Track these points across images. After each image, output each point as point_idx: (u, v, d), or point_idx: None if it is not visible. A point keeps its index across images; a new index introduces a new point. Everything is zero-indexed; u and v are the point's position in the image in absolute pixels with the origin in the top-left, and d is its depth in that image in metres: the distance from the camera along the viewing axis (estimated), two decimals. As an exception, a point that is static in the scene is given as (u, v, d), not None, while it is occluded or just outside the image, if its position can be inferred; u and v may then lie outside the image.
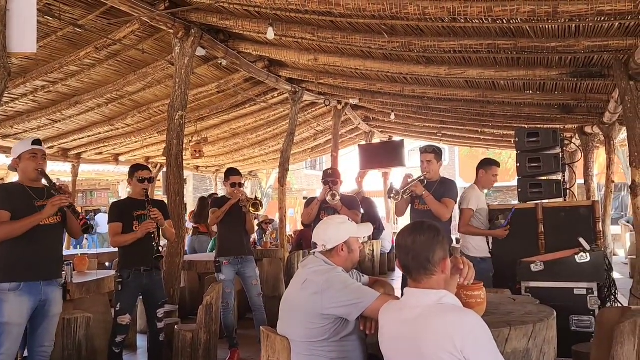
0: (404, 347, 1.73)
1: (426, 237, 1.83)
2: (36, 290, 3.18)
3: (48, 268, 3.28)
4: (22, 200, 3.24)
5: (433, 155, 4.45)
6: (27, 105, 7.42)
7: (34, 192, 3.30)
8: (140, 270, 4.02)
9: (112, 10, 4.93)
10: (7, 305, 3.07)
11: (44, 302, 3.22)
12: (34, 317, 3.22)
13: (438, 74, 5.75)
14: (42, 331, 3.26)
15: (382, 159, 11.95)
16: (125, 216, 4.08)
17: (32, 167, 3.31)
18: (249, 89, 8.06)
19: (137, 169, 4.20)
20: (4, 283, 3.12)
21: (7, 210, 3.17)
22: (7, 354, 3.06)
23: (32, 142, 3.36)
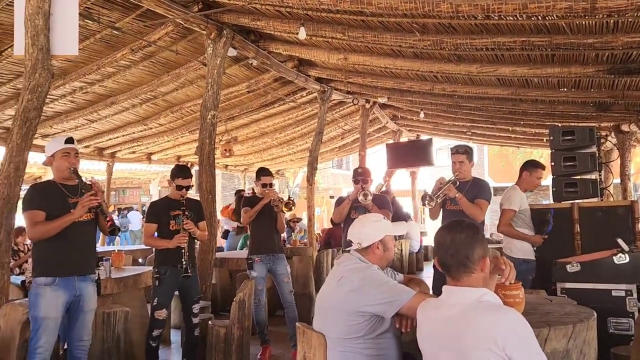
0: (444, 345, 1.74)
1: (465, 235, 1.84)
2: (70, 285, 3.26)
3: (82, 264, 3.35)
4: (56, 198, 3.31)
5: (465, 155, 4.39)
6: (66, 105, 7.65)
7: (67, 189, 3.36)
8: (177, 267, 4.12)
9: (148, 12, 5.04)
10: (44, 299, 3.16)
11: (78, 297, 3.30)
12: (70, 312, 3.31)
13: (469, 71, 5.70)
14: (79, 326, 3.35)
15: (410, 158, 11.88)
16: (162, 216, 4.19)
17: (65, 165, 3.36)
18: (278, 88, 8.13)
19: (178, 175, 4.25)
20: (40, 277, 3.21)
21: (42, 209, 3.25)
22: (45, 346, 3.15)
23: (65, 140, 3.41)
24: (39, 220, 3.24)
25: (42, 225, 3.23)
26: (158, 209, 4.29)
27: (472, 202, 4.23)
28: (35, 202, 3.28)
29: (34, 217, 3.25)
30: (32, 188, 3.43)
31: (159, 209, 4.28)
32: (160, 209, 4.26)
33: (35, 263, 3.30)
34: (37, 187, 3.50)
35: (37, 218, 3.24)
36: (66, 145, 3.37)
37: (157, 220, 4.22)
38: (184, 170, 4.36)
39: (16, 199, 3.55)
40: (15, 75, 6.16)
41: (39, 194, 3.34)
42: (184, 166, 4.57)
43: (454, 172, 4.40)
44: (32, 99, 3.56)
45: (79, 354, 3.37)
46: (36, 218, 3.24)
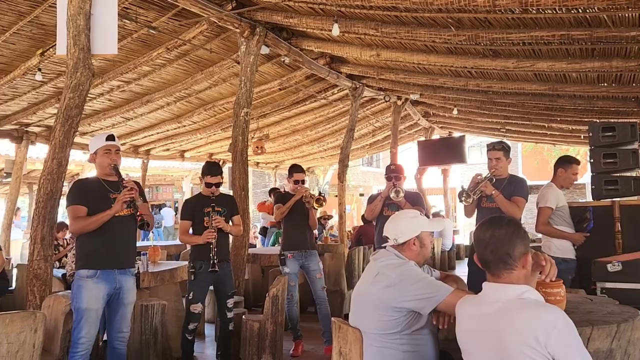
0: (484, 342, 1.72)
1: (505, 231, 1.81)
2: (111, 278, 3.34)
3: (122, 257, 3.43)
4: (98, 193, 3.41)
5: (502, 152, 4.29)
6: (103, 104, 7.85)
7: (109, 185, 3.45)
8: (211, 262, 4.19)
9: (183, 11, 5.13)
10: (86, 291, 3.26)
11: (118, 290, 3.38)
12: (110, 305, 3.40)
13: (505, 67, 5.60)
14: (119, 318, 3.43)
15: (442, 155, 11.75)
16: (196, 213, 4.27)
17: (106, 162, 3.45)
18: (310, 85, 8.15)
19: (207, 173, 4.32)
20: (83, 270, 3.31)
21: (84, 205, 3.35)
22: (87, 337, 3.24)
23: (106, 137, 3.50)
24: (80, 215, 3.34)
25: (83, 220, 3.33)
26: (192, 206, 4.38)
27: (509, 199, 4.16)
28: (78, 197, 3.39)
29: (75, 211, 3.36)
30: (75, 183, 3.54)
31: (193, 206, 4.37)
32: (194, 206, 4.35)
33: (78, 256, 3.41)
34: (80, 182, 3.59)
35: (78, 213, 3.35)
36: (107, 142, 3.47)
37: (191, 217, 4.32)
38: (212, 168, 4.39)
39: (59, 194, 3.66)
40: (56, 74, 6.35)
41: (81, 189, 3.44)
42: (214, 163, 4.59)
43: (490, 169, 4.32)
44: (73, 97, 3.66)
45: (119, 345, 3.46)
46: (78, 213, 3.35)
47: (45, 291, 3.56)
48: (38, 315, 2.80)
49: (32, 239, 3.62)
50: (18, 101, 7.26)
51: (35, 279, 3.56)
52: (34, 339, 2.76)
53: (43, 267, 3.57)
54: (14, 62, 5.88)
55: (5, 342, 2.63)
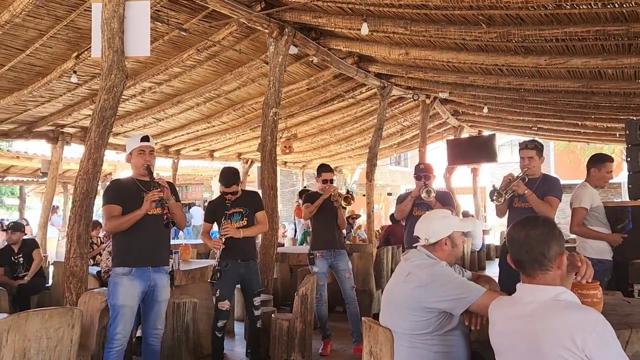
0: (519, 343, 1.69)
1: (540, 231, 1.78)
2: (146, 275, 3.41)
3: (156, 255, 3.50)
4: (132, 193, 3.48)
5: (535, 151, 4.18)
6: (135, 105, 8.02)
7: (143, 185, 3.51)
8: (237, 260, 4.23)
9: (213, 13, 5.19)
10: (121, 288, 3.34)
11: (152, 287, 3.45)
12: (145, 302, 3.47)
13: (537, 64, 5.49)
14: (154, 315, 3.50)
15: (472, 154, 11.58)
16: (218, 215, 4.33)
17: (140, 162, 3.52)
18: (338, 85, 8.15)
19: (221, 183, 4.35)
20: (118, 268, 3.40)
21: (119, 204, 3.44)
22: (123, 333, 3.32)
23: (141, 138, 3.58)
24: (114, 214, 3.43)
25: (116, 219, 3.42)
26: (214, 208, 4.43)
27: (542, 199, 4.08)
28: (112, 197, 3.48)
29: (110, 211, 3.44)
30: (111, 184, 3.65)
31: (215, 208, 4.42)
32: (216, 208, 4.39)
33: (114, 254, 3.50)
34: (115, 183, 3.69)
35: (113, 212, 3.43)
36: (142, 143, 3.55)
37: (213, 219, 4.39)
38: (226, 178, 4.34)
39: (94, 194, 3.75)
40: (90, 76, 6.51)
41: (116, 189, 3.54)
42: (229, 172, 4.42)
43: (522, 168, 4.24)
44: (108, 98, 3.74)
45: (154, 341, 3.52)
46: (112, 212, 3.43)
47: (81, 288, 3.65)
48: (75, 312, 2.88)
49: (68, 237, 3.72)
50: (54, 103, 7.47)
51: (72, 276, 3.66)
52: (71, 335, 2.84)
53: (79, 264, 3.67)
54: (50, 65, 6.05)
55: (45, 337, 2.72)
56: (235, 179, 4.39)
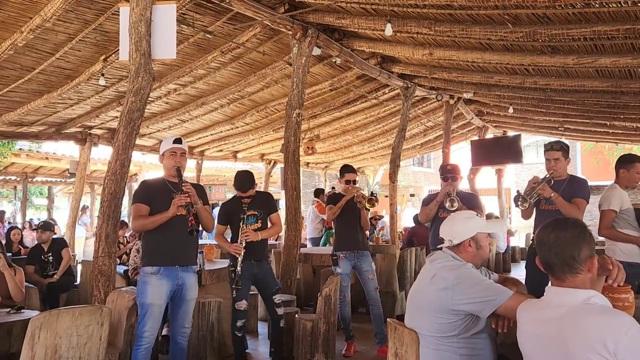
0: (548, 347, 1.67)
1: (571, 234, 1.75)
2: (174, 275, 3.47)
3: (183, 255, 3.55)
4: (162, 194, 3.56)
5: (561, 152, 4.11)
6: (161, 107, 8.14)
7: (173, 186, 3.59)
8: (251, 260, 4.26)
9: (237, 15, 5.24)
10: (150, 287, 3.40)
11: (180, 287, 3.50)
12: (173, 301, 3.52)
13: (565, 63, 5.40)
14: (181, 314, 3.56)
15: (496, 155, 11.43)
16: (233, 217, 4.34)
17: (171, 164, 3.62)
18: (361, 85, 8.14)
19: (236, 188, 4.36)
20: (147, 267, 3.47)
21: (147, 204, 3.52)
22: (151, 331, 3.38)
23: (173, 140, 3.67)
24: (142, 213, 3.50)
25: (142, 219, 3.49)
26: (229, 210, 4.43)
27: (569, 201, 4.00)
28: (142, 196, 3.57)
29: (137, 210, 3.53)
30: (142, 183, 3.75)
31: (230, 210, 4.42)
32: (231, 210, 4.40)
33: (143, 253, 3.58)
34: (146, 183, 3.78)
35: (140, 211, 3.51)
36: (173, 145, 3.64)
37: (227, 221, 4.40)
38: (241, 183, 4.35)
39: (122, 194, 3.82)
40: (117, 79, 6.63)
41: (146, 190, 3.63)
42: (244, 176, 4.43)
43: (548, 170, 4.17)
44: (135, 100, 3.80)
45: (182, 340, 3.58)
46: (140, 212, 3.51)
47: (110, 286, 3.72)
48: (104, 310, 2.94)
49: (97, 236, 3.80)
50: (82, 105, 7.63)
51: (100, 274, 3.73)
52: (100, 332, 2.91)
53: (107, 263, 3.73)
54: (79, 68, 6.18)
55: (75, 334, 2.78)
56: (251, 183, 4.40)
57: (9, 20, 4.82)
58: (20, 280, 3.86)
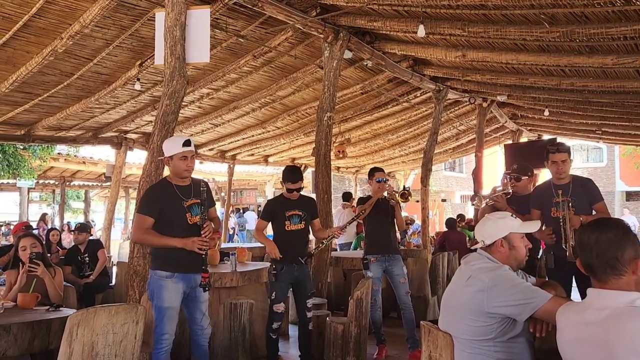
0: (590, 351, 1.61)
1: (613, 235, 1.69)
2: (188, 277, 3.39)
3: (194, 263, 3.38)
4: (171, 200, 3.38)
5: (567, 153, 3.97)
6: (194, 111, 8.28)
7: (181, 190, 3.41)
8: (293, 263, 4.26)
9: (270, 19, 5.29)
10: (166, 291, 3.34)
11: (194, 289, 3.45)
12: (187, 303, 3.47)
13: (603, 63, 5.24)
14: (199, 314, 3.51)
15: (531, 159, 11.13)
16: (277, 215, 4.33)
17: (183, 168, 3.40)
18: (392, 89, 8.10)
19: (287, 179, 4.34)
20: (161, 271, 3.37)
21: (153, 217, 3.33)
22: (170, 333, 3.35)
23: (183, 143, 3.40)
24: (146, 226, 3.34)
25: (147, 235, 3.35)
26: (274, 207, 4.41)
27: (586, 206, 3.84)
28: (149, 207, 3.38)
29: (143, 222, 3.36)
30: (149, 190, 3.57)
31: (275, 207, 4.41)
32: (276, 208, 4.39)
33: (154, 257, 3.49)
34: (153, 189, 3.56)
35: (145, 224, 3.34)
36: (184, 148, 3.39)
37: (271, 218, 4.36)
38: (293, 174, 4.36)
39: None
40: (152, 84, 6.77)
41: (155, 198, 3.41)
42: (294, 168, 4.52)
43: (554, 174, 4.01)
44: (170, 104, 3.88)
45: (203, 341, 3.54)
46: (144, 224, 3.35)
47: (144, 287, 3.77)
48: (139, 308, 2.98)
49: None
50: (118, 110, 7.82)
51: (135, 275, 3.80)
52: (135, 330, 2.95)
53: (142, 264, 3.80)
54: (115, 73, 6.34)
55: (111, 332, 2.83)
56: (301, 175, 4.42)
57: (50, 27, 4.98)
58: (60, 282, 3.96)
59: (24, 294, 3.53)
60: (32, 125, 8.18)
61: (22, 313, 3.28)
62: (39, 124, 8.02)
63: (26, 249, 3.87)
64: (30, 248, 3.86)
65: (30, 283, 3.65)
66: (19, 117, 7.68)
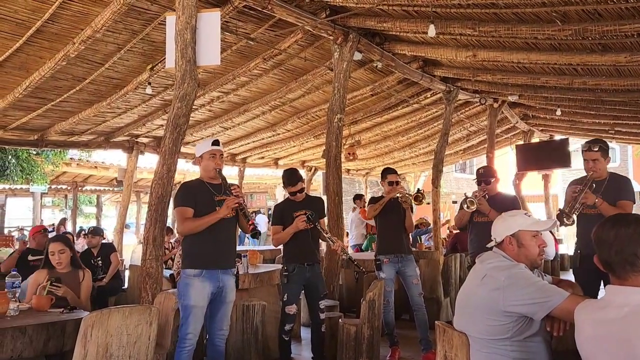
0: (611, 349, 1.58)
1: (632, 230, 1.67)
2: (215, 277, 3.50)
3: (225, 258, 3.59)
4: (204, 195, 3.59)
5: (600, 152, 3.95)
6: (204, 114, 8.31)
7: (213, 187, 3.63)
8: (304, 264, 4.26)
9: (279, 22, 5.29)
10: (193, 289, 3.43)
11: (221, 289, 3.52)
12: (213, 303, 3.54)
13: (617, 61, 5.19)
14: (220, 316, 3.57)
15: (543, 160, 11.09)
16: (286, 218, 4.35)
17: (212, 166, 3.64)
18: (402, 90, 8.07)
19: (287, 185, 4.39)
20: (189, 269, 3.50)
21: (191, 206, 3.55)
22: (194, 332, 3.41)
23: (212, 142, 3.67)
24: (188, 216, 3.53)
25: (191, 222, 3.52)
26: (282, 211, 4.45)
27: (614, 203, 3.81)
28: (186, 199, 3.58)
29: (184, 213, 3.55)
30: (183, 186, 3.74)
31: (283, 211, 4.45)
32: (284, 210, 4.43)
33: (185, 255, 3.61)
34: (187, 185, 3.77)
35: (186, 214, 3.54)
36: (213, 147, 3.65)
37: (281, 222, 4.39)
38: (290, 178, 4.41)
39: (168, 198, 3.90)
40: (163, 87, 6.81)
41: (189, 191, 3.63)
42: (290, 171, 4.55)
43: (587, 172, 3.99)
44: (181, 106, 3.89)
45: (219, 342, 3.59)
46: (186, 214, 3.54)
47: (157, 289, 3.79)
48: (153, 310, 3.00)
49: (144, 239, 3.89)
50: (130, 114, 7.87)
51: (148, 277, 3.81)
52: (149, 332, 2.96)
53: (155, 266, 3.81)
54: (127, 78, 6.38)
55: (125, 333, 2.84)
56: (299, 177, 4.45)
57: (62, 32, 5.02)
58: (88, 286, 4.03)
59: (38, 296, 3.56)
60: (45, 130, 8.25)
61: (37, 315, 3.30)
62: (52, 129, 8.09)
63: (54, 254, 3.93)
64: (58, 254, 3.93)
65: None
66: (32, 122, 7.76)
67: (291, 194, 4.38)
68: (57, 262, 3.93)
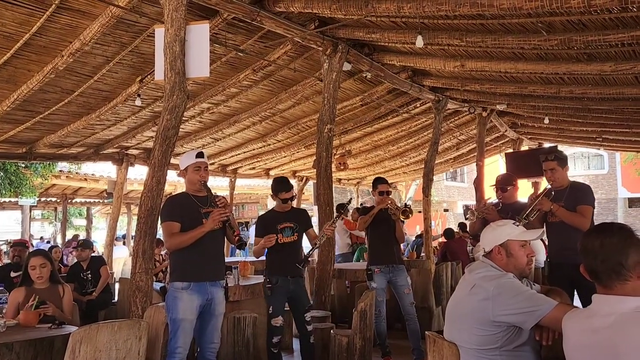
0: (598, 357, 1.60)
1: (617, 239, 1.68)
2: (203, 289, 3.46)
3: (213, 270, 3.56)
4: (190, 208, 3.57)
5: (556, 162, 4.09)
6: (194, 126, 8.30)
7: (199, 200, 3.61)
8: (287, 276, 4.24)
9: (269, 33, 5.32)
10: (181, 302, 3.40)
11: (210, 302, 3.49)
12: (202, 316, 3.50)
13: (602, 70, 5.25)
14: (210, 329, 3.54)
15: (532, 167, 11.13)
16: (270, 230, 4.28)
17: (196, 178, 3.63)
18: (392, 100, 8.12)
19: (281, 190, 4.36)
20: (177, 282, 3.46)
21: (178, 221, 3.52)
22: (184, 346, 3.37)
23: (196, 155, 3.68)
24: (175, 231, 3.50)
25: (178, 237, 3.49)
26: (266, 223, 4.40)
27: (574, 209, 3.88)
28: (172, 214, 3.56)
29: (170, 228, 3.52)
30: (168, 200, 3.73)
31: (267, 222, 4.40)
32: (268, 222, 4.39)
33: (172, 268, 3.57)
34: (173, 199, 3.78)
35: (173, 229, 3.51)
36: (197, 159, 3.65)
37: (264, 233, 4.32)
38: (284, 184, 4.41)
39: (158, 210, 3.87)
40: (152, 99, 6.80)
41: (174, 205, 3.62)
42: (284, 178, 4.59)
43: (548, 181, 4.11)
44: (170, 118, 3.88)
45: (210, 355, 3.55)
46: (172, 229, 3.51)
47: (147, 302, 3.75)
48: (142, 324, 2.97)
49: (134, 252, 3.86)
50: (119, 126, 7.85)
51: (138, 290, 3.77)
52: (138, 347, 2.93)
53: (144, 279, 3.77)
54: (116, 90, 6.37)
55: (114, 348, 2.81)
56: (290, 184, 4.46)
57: (51, 45, 5.01)
58: (69, 300, 3.98)
59: (26, 312, 3.52)
60: (33, 143, 8.20)
61: (25, 331, 3.26)
62: (41, 141, 8.04)
63: (35, 269, 3.88)
64: (39, 268, 3.88)
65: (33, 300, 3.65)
66: (20, 135, 7.71)
67: (283, 200, 4.36)
68: (37, 276, 3.88)
